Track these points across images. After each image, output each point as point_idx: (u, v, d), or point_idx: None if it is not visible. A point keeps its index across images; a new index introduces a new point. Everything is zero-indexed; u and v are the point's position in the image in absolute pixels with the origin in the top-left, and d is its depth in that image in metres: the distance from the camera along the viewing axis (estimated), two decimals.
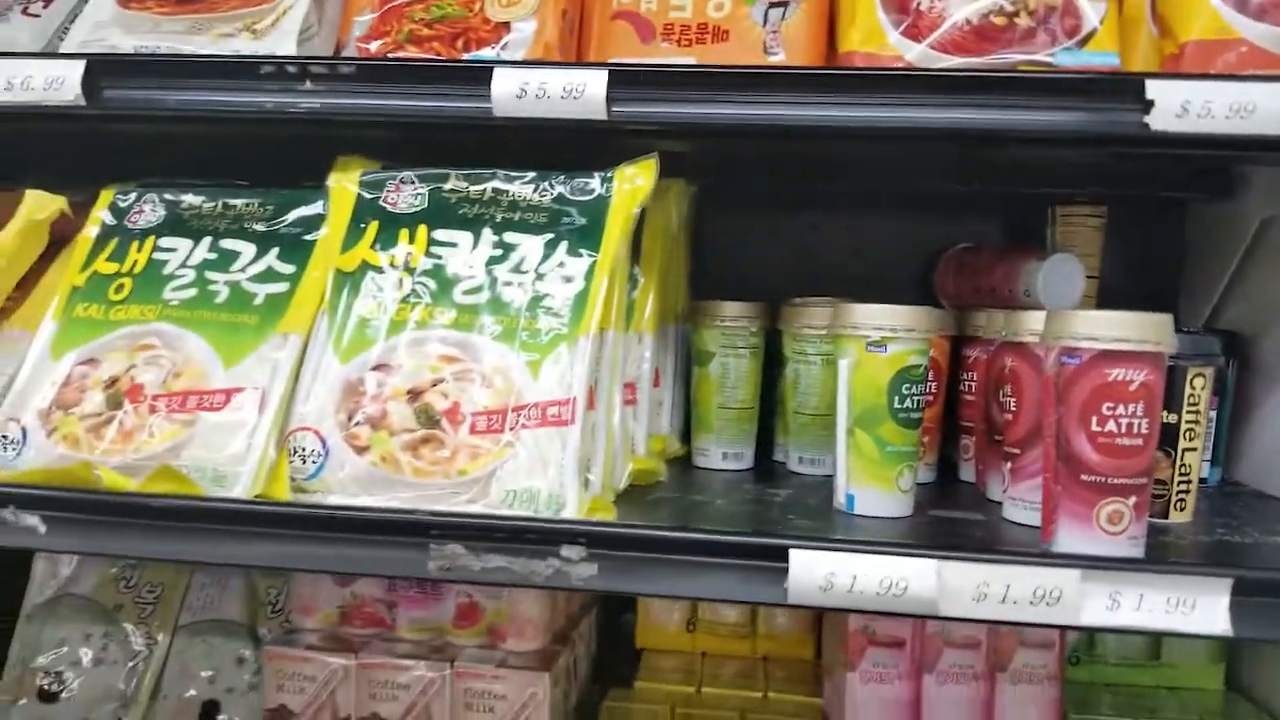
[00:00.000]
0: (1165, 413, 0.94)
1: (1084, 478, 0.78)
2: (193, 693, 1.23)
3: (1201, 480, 1.13)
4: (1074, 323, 0.78)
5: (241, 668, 1.22)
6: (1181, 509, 0.95)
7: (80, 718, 1.24)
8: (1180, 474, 0.95)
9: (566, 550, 0.78)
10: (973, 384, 1.11)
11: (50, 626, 1.29)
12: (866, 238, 1.40)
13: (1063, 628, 0.72)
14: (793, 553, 0.75)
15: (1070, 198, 1.24)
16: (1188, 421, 0.94)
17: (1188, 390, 0.94)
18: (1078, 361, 0.78)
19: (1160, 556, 0.80)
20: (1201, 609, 0.71)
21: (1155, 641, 1.17)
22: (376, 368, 0.91)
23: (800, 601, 0.74)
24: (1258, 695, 1.13)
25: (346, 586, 1.03)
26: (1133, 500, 0.78)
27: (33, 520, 0.84)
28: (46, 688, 1.27)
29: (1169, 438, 0.94)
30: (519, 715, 0.97)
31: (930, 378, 1.11)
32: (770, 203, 1.42)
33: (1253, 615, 0.71)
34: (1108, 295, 1.23)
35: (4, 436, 0.91)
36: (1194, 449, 0.95)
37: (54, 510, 0.83)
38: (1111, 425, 0.77)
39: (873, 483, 0.92)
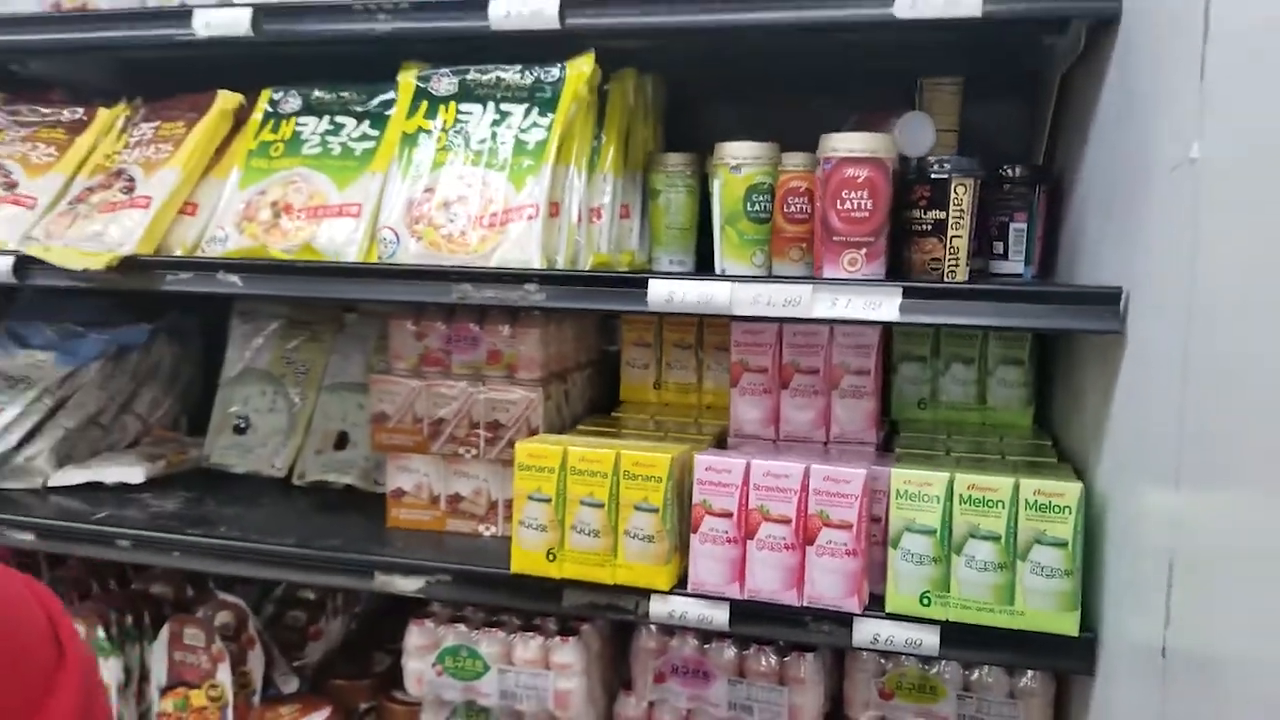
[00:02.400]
0: (936, 210, 1.39)
1: (834, 238, 1.27)
2: (331, 426, 1.87)
3: (1017, 275, 1.58)
4: (828, 141, 1.26)
5: (361, 411, 1.85)
6: (953, 276, 1.41)
7: (259, 444, 1.91)
8: (950, 252, 1.40)
9: (528, 286, 1.33)
10: None
11: (239, 389, 1.96)
12: (792, 106, 1.83)
13: (798, 321, 1.20)
14: (651, 281, 1.27)
15: (933, 73, 1.66)
16: (954, 217, 1.39)
17: (952, 195, 1.39)
18: (829, 165, 1.26)
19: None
20: (885, 306, 1.20)
21: (980, 391, 1.63)
22: (426, 190, 1.47)
23: (655, 308, 1.27)
24: (1053, 428, 1.58)
25: (421, 340, 1.61)
26: (864, 251, 1.26)
27: (234, 279, 1.45)
28: (238, 426, 1.94)
29: (940, 228, 1.39)
30: (524, 414, 1.54)
31: (805, 201, 1.59)
32: (723, 94, 1.88)
33: (912, 309, 1.18)
34: (967, 142, 1.65)
35: (214, 237, 1.53)
36: (960, 236, 1.39)
37: (247, 273, 1.44)
38: (849, 204, 1.25)
39: (736, 259, 1.42)
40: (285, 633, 1.86)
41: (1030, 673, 1.33)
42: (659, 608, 1.34)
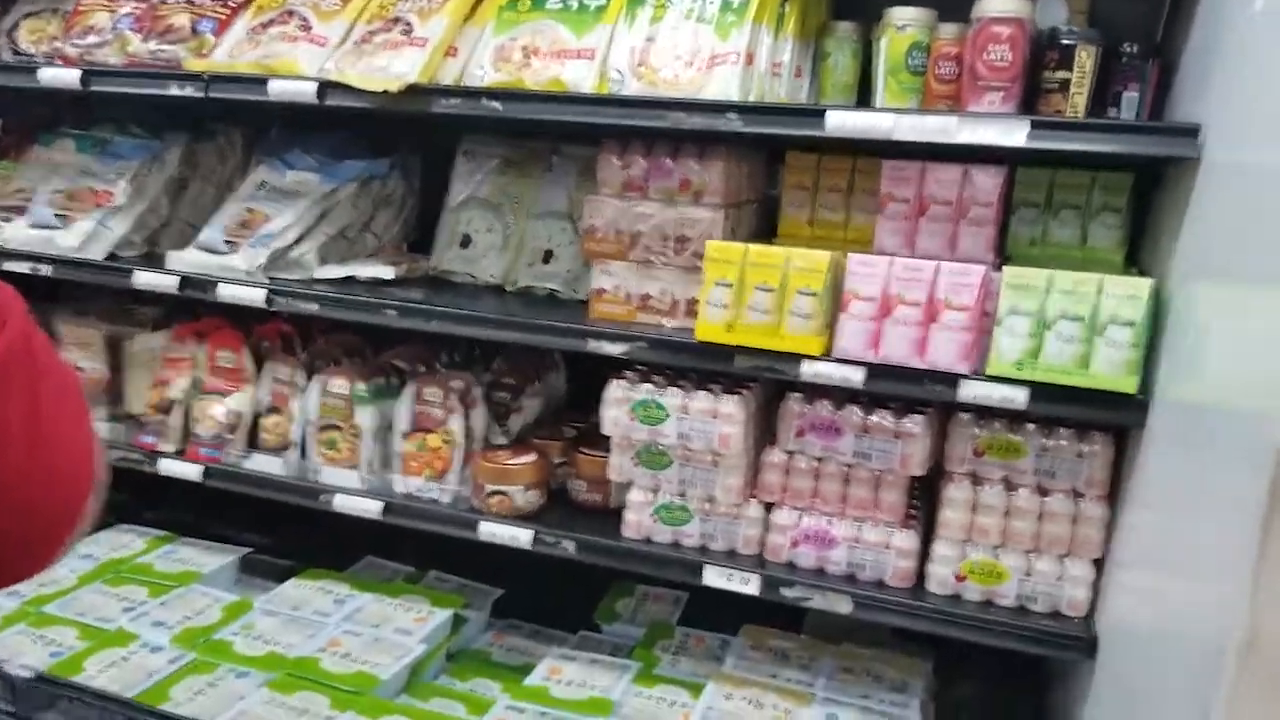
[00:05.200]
0: (1063, 71, 1.72)
1: (979, 83, 1.61)
2: (539, 244, 2.31)
3: None
4: (981, 4, 1.60)
5: (563, 234, 2.28)
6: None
7: (480, 256, 2.37)
8: (1071, 107, 1.72)
9: (730, 114, 1.71)
10: None
11: (464, 214, 2.41)
12: None
13: (946, 145, 1.55)
14: (828, 111, 1.64)
15: None
16: (1076, 77, 1.71)
17: (1076, 59, 1.70)
18: (980, 24, 1.60)
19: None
20: (1018, 133, 1.54)
21: (1083, 234, 1.96)
22: (647, 39, 1.86)
23: (831, 133, 1.64)
24: (1143, 264, 1.90)
25: (625, 170, 2.01)
26: (1001, 94, 1.60)
27: (496, 104, 1.87)
28: (463, 241, 2.39)
29: (1065, 86, 1.72)
30: (707, 230, 1.93)
31: (954, 65, 1.92)
32: None
33: (1039, 135, 1.53)
34: (1098, 24, 1.93)
35: (473, 74, 1.96)
36: (1080, 93, 1.71)
37: (506, 100, 1.87)
38: (993, 55, 1.59)
39: (896, 102, 1.78)
40: (494, 407, 2.34)
41: (1095, 436, 1.69)
42: (809, 369, 1.74)
